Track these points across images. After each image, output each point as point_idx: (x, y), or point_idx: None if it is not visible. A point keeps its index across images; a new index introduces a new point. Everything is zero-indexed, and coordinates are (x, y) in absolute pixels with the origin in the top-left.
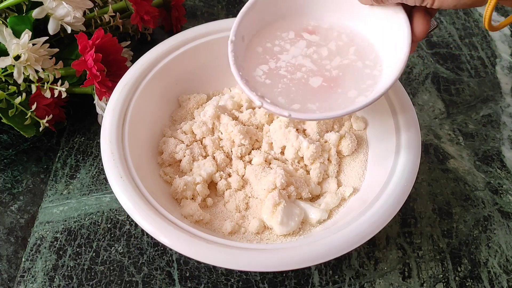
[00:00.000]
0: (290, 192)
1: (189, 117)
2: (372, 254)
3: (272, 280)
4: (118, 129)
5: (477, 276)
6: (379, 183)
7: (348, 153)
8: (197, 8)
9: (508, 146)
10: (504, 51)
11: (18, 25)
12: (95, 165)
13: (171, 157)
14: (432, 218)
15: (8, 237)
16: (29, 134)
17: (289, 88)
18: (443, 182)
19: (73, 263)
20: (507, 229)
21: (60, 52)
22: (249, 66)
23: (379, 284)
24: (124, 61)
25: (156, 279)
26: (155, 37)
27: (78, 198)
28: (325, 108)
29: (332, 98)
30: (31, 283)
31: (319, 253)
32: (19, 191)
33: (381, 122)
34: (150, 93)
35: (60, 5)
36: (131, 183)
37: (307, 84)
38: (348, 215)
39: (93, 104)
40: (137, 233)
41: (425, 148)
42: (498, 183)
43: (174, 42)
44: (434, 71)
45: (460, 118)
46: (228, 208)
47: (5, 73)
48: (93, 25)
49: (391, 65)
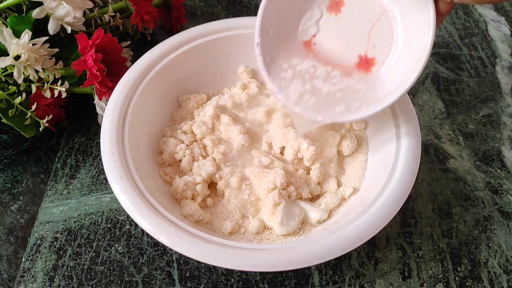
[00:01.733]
0: (290, 192)
1: (189, 117)
2: (372, 254)
3: (272, 280)
4: (118, 129)
5: (477, 276)
6: (379, 183)
7: (348, 153)
8: (197, 8)
9: (508, 146)
10: (504, 51)
11: (18, 25)
12: (95, 165)
13: (171, 157)
14: (432, 218)
15: (8, 237)
16: (29, 134)
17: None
18: (443, 182)
19: (73, 263)
20: (507, 229)
21: (60, 52)
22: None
23: (379, 284)
24: (124, 61)
25: (156, 279)
26: (155, 37)
27: (78, 198)
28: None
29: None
30: (31, 283)
31: (319, 253)
32: (19, 191)
33: (381, 122)
34: (150, 93)
35: (60, 5)
36: (131, 183)
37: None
38: (348, 215)
39: (93, 104)
40: (137, 233)
41: (425, 148)
42: (498, 183)
43: (174, 42)
44: (434, 71)
45: (460, 118)
46: (228, 208)
47: (5, 73)
48: (93, 25)
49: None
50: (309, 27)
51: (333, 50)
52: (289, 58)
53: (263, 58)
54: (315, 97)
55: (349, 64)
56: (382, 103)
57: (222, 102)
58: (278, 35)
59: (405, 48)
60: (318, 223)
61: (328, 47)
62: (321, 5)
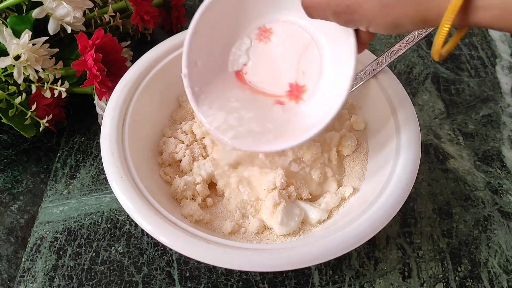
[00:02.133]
0: (290, 192)
1: (189, 117)
2: (372, 254)
3: (272, 280)
4: (118, 129)
5: (477, 276)
6: (379, 183)
7: (348, 153)
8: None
9: (508, 146)
10: (504, 51)
11: (18, 25)
12: (95, 165)
13: (171, 157)
14: (432, 218)
15: (8, 237)
16: (29, 134)
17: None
18: (443, 182)
19: (73, 263)
20: (507, 229)
21: (60, 52)
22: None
23: (379, 284)
24: (124, 61)
25: (156, 279)
26: (155, 37)
27: (78, 198)
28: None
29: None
30: (31, 283)
31: (319, 253)
32: (19, 191)
33: (381, 122)
34: (150, 93)
35: (60, 5)
36: (131, 183)
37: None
38: (348, 215)
39: (93, 104)
40: (137, 233)
41: (425, 148)
42: (498, 183)
43: (174, 42)
44: (434, 71)
45: (460, 118)
46: (228, 208)
47: (5, 73)
48: (93, 25)
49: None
50: (240, 56)
51: (265, 79)
52: (220, 88)
53: (191, 89)
54: (243, 127)
55: (281, 93)
56: (308, 134)
57: None
58: (207, 66)
59: (332, 76)
60: (318, 223)
61: (260, 76)
62: (250, 33)
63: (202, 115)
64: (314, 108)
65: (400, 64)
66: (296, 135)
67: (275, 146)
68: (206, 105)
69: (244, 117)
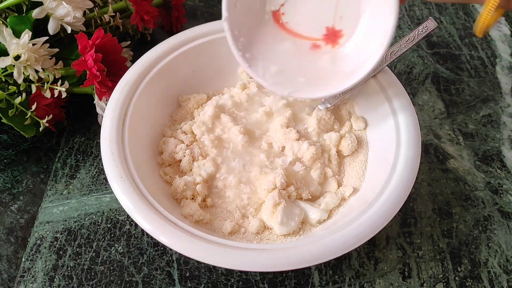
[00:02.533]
0: (290, 192)
1: (189, 117)
2: (372, 254)
3: (272, 280)
4: (118, 129)
5: (477, 276)
6: (379, 183)
7: (348, 153)
8: (197, 8)
9: (508, 146)
10: (504, 51)
11: (18, 25)
12: (95, 165)
13: (171, 157)
14: (432, 218)
15: (8, 237)
16: (29, 134)
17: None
18: (443, 182)
19: (73, 263)
20: (507, 229)
21: (60, 52)
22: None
23: (379, 284)
24: (124, 61)
25: (156, 279)
26: (155, 37)
27: (78, 198)
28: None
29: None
30: (31, 283)
31: (319, 253)
32: (19, 191)
33: (381, 122)
34: (150, 93)
35: (60, 5)
36: (131, 183)
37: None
38: (348, 215)
39: (93, 104)
40: (137, 233)
41: (425, 148)
42: (498, 183)
43: (174, 42)
44: (434, 71)
45: (460, 118)
46: (228, 208)
47: (5, 73)
48: (93, 25)
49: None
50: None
51: (302, 20)
52: (258, 31)
53: (231, 32)
54: (283, 72)
55: (317, 36)
56: (347, 81)
57: (222, 102)
58: (245, 7)
59: (372, 23)
60: (318, 223)
61: (297, 17)
62: None
63: (242, 59)
64: (351, 54)
65: (400, 64)
66: (336, 81)
67: (312, 94)
68: (246, 50)
69: (282, 62)
